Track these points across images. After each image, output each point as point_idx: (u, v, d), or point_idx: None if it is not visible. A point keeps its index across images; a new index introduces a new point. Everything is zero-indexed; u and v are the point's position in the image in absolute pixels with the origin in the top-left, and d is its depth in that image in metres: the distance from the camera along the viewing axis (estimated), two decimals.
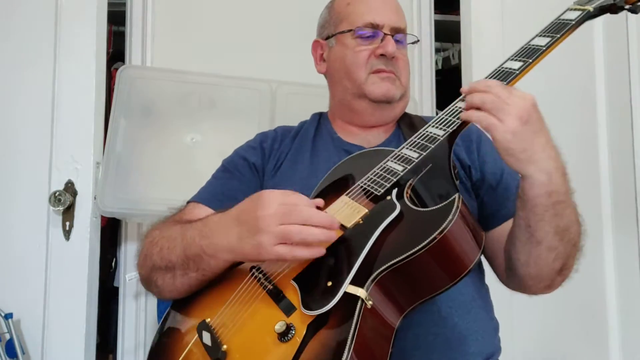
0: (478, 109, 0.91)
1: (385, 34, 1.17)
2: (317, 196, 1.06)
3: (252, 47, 1.99)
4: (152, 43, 1.97)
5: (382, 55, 1.17)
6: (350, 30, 1.19)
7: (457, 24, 2.09)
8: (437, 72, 2.40)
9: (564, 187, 0.94)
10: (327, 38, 1.25)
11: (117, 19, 2.08)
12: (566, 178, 0.95)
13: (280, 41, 1.99)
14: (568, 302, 1.79)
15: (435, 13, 2.21)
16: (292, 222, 0.86)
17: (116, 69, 1.97)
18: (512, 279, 1.06)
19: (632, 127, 1.94)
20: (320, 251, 0.88)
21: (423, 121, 1.22)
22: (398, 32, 1.19)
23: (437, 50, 2.50)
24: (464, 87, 0.97)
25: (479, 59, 1.98)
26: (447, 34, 2.38)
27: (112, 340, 2.03)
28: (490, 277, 1.13)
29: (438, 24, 2.23)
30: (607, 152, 2.01)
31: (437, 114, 1.60)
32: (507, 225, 1.07)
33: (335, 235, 0.88)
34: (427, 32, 2.17)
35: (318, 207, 0.92)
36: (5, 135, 1.76)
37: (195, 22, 2.02)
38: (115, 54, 2.19)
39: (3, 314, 1.64)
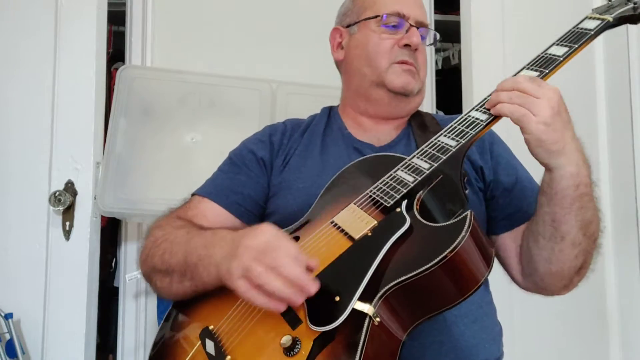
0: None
1: (410, 25, 1.17)
2: (324, 198, 1.04)
3: (252, 47, 1.98)
4: (152, 43, 1.97)
5: (406, 45, 1.15)
6: (376, 17, 1.17)
7: (457, 24, 2.09)
8: (437, 72, 2.40)
9: (588, 178, 0.95)
10: (349, 26, 1.23)
11: (117, 19, 2.08)
12: (590, 170, 0.96)
13: (281, 41, 1.99)
14: (568, 305, 1.79)
15: (435, 13, 2.21)
16: (263, 262, 0.82)
17: (116, 69, 1.97)
18: (530, 278, 1.06)
19: (632, 127, 1.94)
20: (275, 306, 0.82)
21: (434, 119, 1.21)
22: (422, 27, 1.19)
23: (437, 50, 2.50)
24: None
25: (479, 59, 1.98)
26: (447, 34, 2.37)
27: (112, 340, 2.03)
28: (492, 280, 1.13)
29: (438, 24, 2.23)
30: (607, 152, 2.01)
31: (436, 114, 1.60)
32: (523, 227, 1.07)
33: (300, 300, 0.81)
34: None
35: (309, 268, 0.84)
36: (5, 135, 1.76)
37: (195, 22, 2.01)
38: (115, 54, 2.19)
39: (3, 314, 1.64)
